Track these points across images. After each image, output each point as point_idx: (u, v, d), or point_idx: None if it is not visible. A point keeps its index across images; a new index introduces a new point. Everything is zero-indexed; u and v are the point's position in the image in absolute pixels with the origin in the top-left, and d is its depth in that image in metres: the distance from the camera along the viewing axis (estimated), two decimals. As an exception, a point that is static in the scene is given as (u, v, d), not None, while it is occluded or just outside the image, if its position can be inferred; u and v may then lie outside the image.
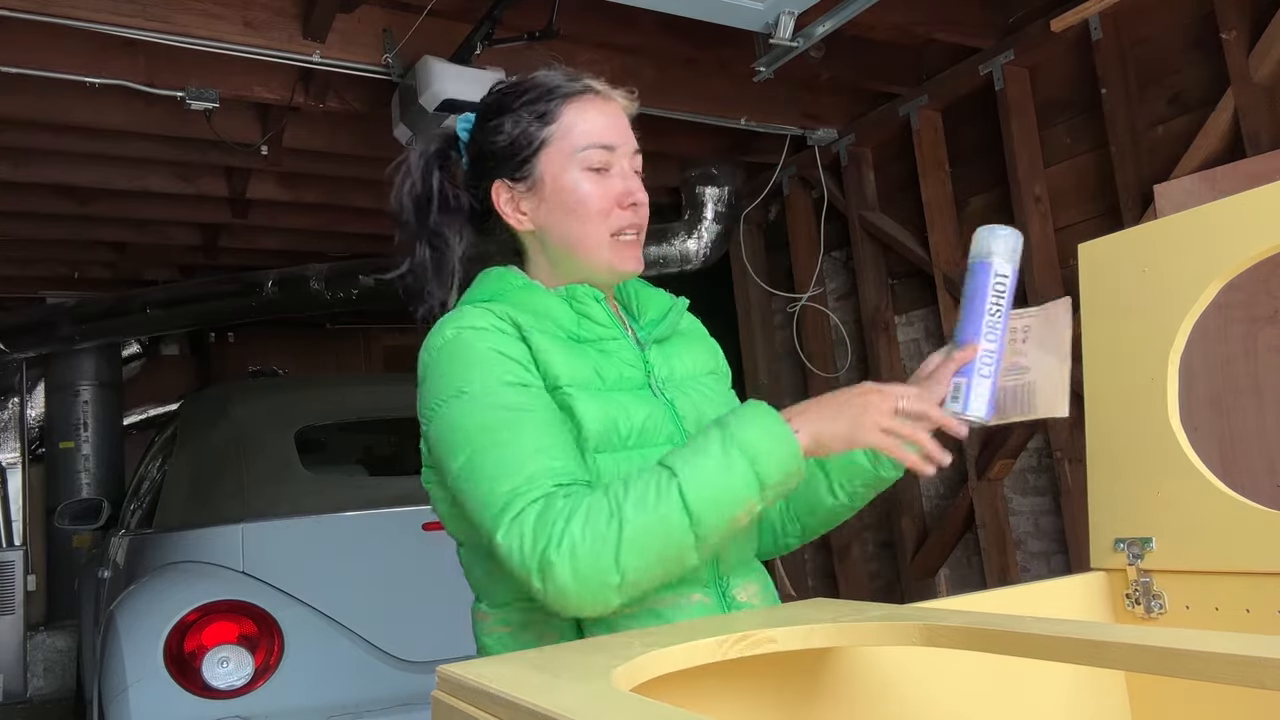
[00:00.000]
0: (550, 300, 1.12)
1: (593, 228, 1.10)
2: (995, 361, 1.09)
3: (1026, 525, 3.47)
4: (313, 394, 3.40)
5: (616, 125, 1.13)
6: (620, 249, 1.12)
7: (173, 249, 5.45)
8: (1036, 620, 0.85)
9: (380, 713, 2.42)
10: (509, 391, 1.01)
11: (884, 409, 1.00)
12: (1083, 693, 1.20)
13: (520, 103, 1.13)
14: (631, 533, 0.90)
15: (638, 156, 1.15)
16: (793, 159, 4.25)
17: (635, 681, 0.79)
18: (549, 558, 0.90)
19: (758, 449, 0.93)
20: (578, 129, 1.11)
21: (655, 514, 0.91)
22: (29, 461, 6.72)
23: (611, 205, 1.10)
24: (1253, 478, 2.48)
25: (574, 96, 1.12)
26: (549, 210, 1.12)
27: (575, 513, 0.91)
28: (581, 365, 1.08)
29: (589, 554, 0.89)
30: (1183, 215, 1.21)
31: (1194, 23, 2.87)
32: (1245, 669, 0.63)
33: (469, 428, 1.00)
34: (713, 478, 0.92)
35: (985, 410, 1.09)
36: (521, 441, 0.97)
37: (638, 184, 1.13)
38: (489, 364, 1.02)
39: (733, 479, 0.92)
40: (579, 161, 1.10)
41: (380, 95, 3.32)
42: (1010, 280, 1.09)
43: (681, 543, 0.92)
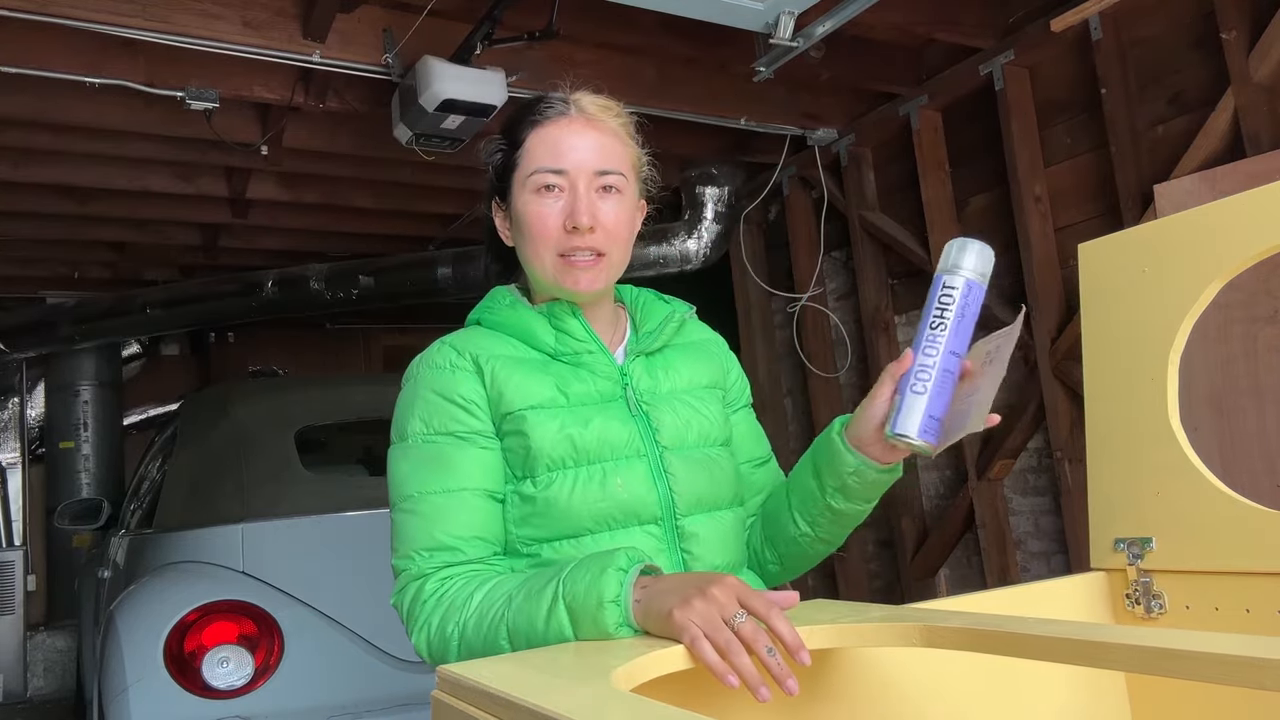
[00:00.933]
0: (531, 318, 1.17)
1: (540, 249, 1.13)
2: (933, 380, 0.99)
3: (1026, 525, 3.47)
4: (313, 394, 3.40)
5: (576, 147, 1.12)
6: (567, 271, 1.12)
7: (173, 249, 5.45)
8: (1036, 621, 0.85)
9: (380, 713, 2.42)
10: (441, 443, 1.11)
11: (708, 613, 0.86)
12: (1082, 693, 1.20)
13: (507, 126, 1.20)
14: (466, 646, 1.02)
15: (606, 176, 1.13)
16: (793, 159, 4.25)
17: (635, 681, 0.79)
18: (412, 635, 1.08)
19: (580, 608, 0.93)
20: (534, 153, 1.14)
21: (485, 642, 1.00)
22: (29, 461, 6.72)
23: (556, 228, 1.12)
24: (1253, 478, 2.48)
25: (542, 122, 1.15)
26: (516, 232, 1.17)
27: (434, 612, 1.04)
28: (543, 385, 1.13)
29: (436, 647, 1.05)
30: (1183, 215, 1.21)
31: (1194, 23, 2.87)
32: (1245, 669, 0.63)
33: (395, 479, 1.13)
34: (534, 626, 0.96)
35: (916, 431, 0.99)
36: (428, 514, 1.08)
37: (591, 205, 1.11)
38: (430, 410, 1.12)
39: (550, 634, 0.95)
40: (530, 184, 1.13)
41: (380, 95, 3.32)
42: (960, 295, 1.00)
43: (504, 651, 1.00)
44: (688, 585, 0.89)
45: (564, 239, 1.11)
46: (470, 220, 5.10)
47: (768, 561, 1.24)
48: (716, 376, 1.25)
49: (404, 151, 3.36)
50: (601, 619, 0.91)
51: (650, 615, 0.90)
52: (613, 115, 1.17)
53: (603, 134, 1.15)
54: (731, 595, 0.87)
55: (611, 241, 1.13)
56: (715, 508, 1.16)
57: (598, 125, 1.15)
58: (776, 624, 0.85)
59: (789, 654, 0.85)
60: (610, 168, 1.13)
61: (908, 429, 1.00)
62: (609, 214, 1.13)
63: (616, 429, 1.12)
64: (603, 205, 1.12)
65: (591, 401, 1.13)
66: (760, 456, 1.28)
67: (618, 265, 1.16)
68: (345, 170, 4.33)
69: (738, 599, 0.87)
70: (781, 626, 0.85)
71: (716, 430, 1.19)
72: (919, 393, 1.00)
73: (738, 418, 1.28)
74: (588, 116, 1.15)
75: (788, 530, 1.19)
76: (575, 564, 0.97)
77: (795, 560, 1.23)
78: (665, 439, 1.14)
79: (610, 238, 1.13)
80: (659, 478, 1.12)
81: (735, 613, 0.86)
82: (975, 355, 1.03)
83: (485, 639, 0.99)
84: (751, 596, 0.88)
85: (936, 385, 1.00)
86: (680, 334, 1.25)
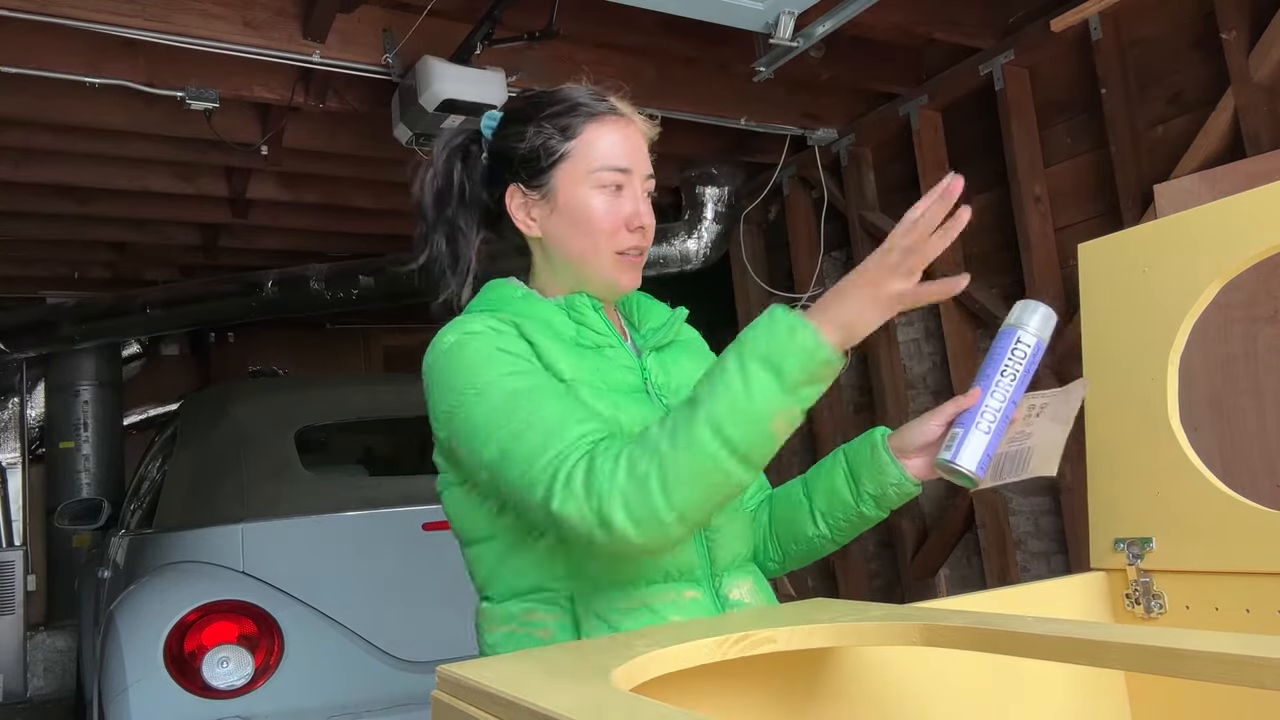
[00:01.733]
0: (549, 309, 1.16)
1: (600, 243, 1.14)
2: (997, 422, 1.08)
3: (1026, 525, 3.47)
4: (313, 394, 3.40)
5: (634, 149, 1.16)
6: (622, 267, 1.16)
7: (173, 249, 5.45)
8: (1036, 620, 0.85)
9: (380, 713, 2.42)
10: (519, 377, 1.04)
11: (887, 266, 0.95)
12: (1083, 693, 1.20)
13: (546, 113, 1.16)
14: (672, 469, 0.92)
15: (650, 180, 1.18)
16: (793, 159, 4.25)
17: (635, 681, 0.79)
18: (605, 513, 0.93)
19: (771, 351, 0.92)
20: (596, 148, 1.14)
21: (689, 446, 0.92)
22: (29, 461, 6.72)
23: (619, 225, 1.14)
24: (1253, 478, 2.47)
25: (597, 116, 1.15)
26: (558, 221, 1.16)
27: (618, 465, 0.94)
28: (583, 365, 1.11)
29: (639, 500, 0.92)
30: (1183, 215, 1.21)
31: (1194, 23, 2.87)
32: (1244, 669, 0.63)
33: (492, 419, 1.02)
34: (734, 394, 0.91)
35: (975, 465, 1.07)
36: (546, 416, 1.00)
37: (647, 208, 1.17)
38: (494, 361, 1.05)
39: (753, 390, 0.91)
40: (593, 180, 1.14)
41: (380, 95, 3.32)
42: (1031, 352, 1.10)
43: (723, 467, 0.92)
44: (856, 283, 0.95)
45: (625, 237, 1.15)
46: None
47: (769, 559, 1.26)
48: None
49: (404, 151, 3.35)
50: (797, 340, 0.91)
51: (844, 320, 0.94)
52: (653, 126, 1.22)
53: (645, 140, 1.19)
54: (885, 253, 0.96)
55: (649, 241, 1.19)
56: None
57: (642, 131, 1.20)
58: (929, 243, 0.96)
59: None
60: (652, 172, 1.19)
61: (968, 462, 1.07)
62: (651, 216, 1.18)
63: (649, 417, 1.10)
64: (646, 208, 1.17)
65: (622, 390, 1.14)
66: None
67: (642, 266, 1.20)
68: (345, 170, 4.33)
69: (890, 250, 0.95)
70: (932, 243, 0.97)
71: None
72: (985, 432, 1.08)
73: None
74: (638, 125, 1.19)
75: (804, 531, 1.22)
76: (732, 345, 0.95)
77: (799, 559, 1.25)
78: None
79: (650, 238, 1.18)
80: None
81: (916, 216, 0.96)
82: (1021, 405, 1.12)
83: (687, 445, 0.92)
84: (891, 246, 0.96)
85: (998, 427, 1.09)
86: (680, 332, 1.27)
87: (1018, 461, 1.11)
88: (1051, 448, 1.11)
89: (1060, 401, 1.13)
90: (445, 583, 2.77)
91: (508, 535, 1.10)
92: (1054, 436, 1.11)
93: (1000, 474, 1.11)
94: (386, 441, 4.14)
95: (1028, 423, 1.13)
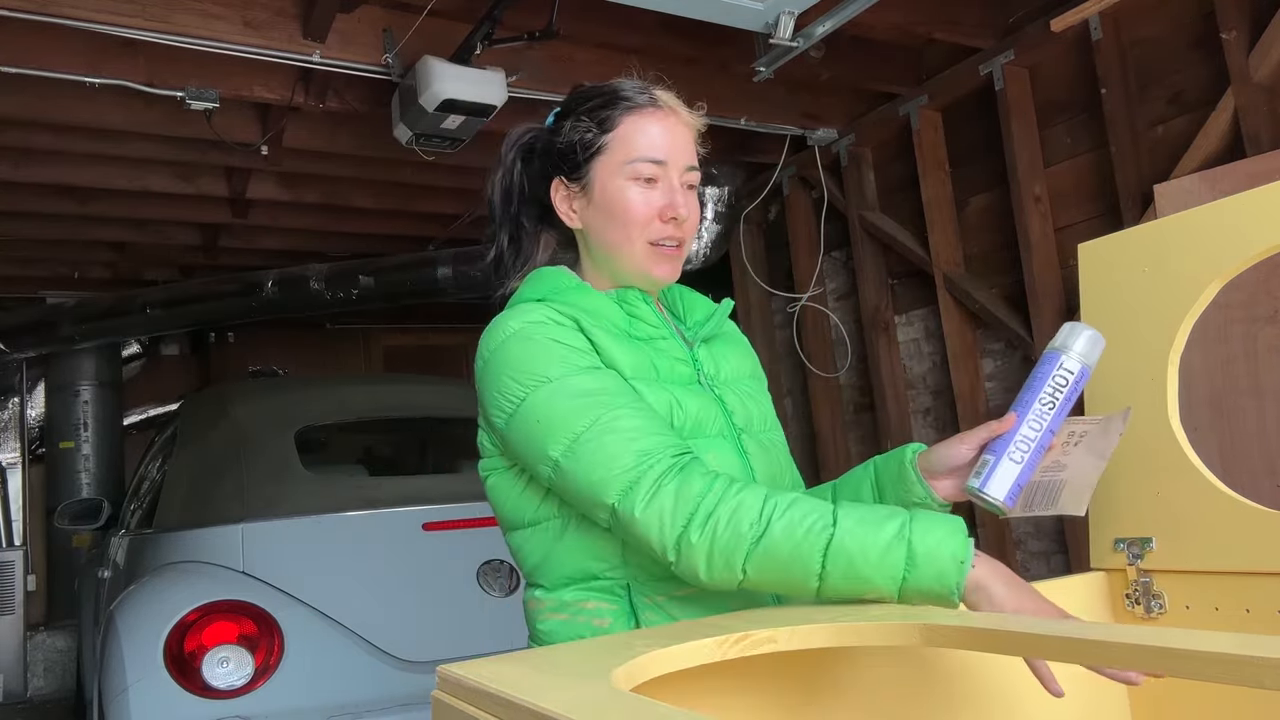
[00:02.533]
0: (601, 301, 1.17)
1: (633, 234, 1.15)
2: (1031, 451, 1.05)
3: (1026, 525, 3.47)
4: (313, 394, 3.40)
5: (673, 141, 1.16)
6: (656, 257, 1.16)
7: (173, 249, 5.45)
8: (1036, 620, 0.85)
9: (380, 713, 2.42)
10: (591, 376, 1.06)
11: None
12: (1083, 692, 1.20)
13: (586, 107, 1.18)
14: (768, 549, 0.94)
15: (692, 173, 1.18)
16: (793, 159, 4.25)
17: (635, 681, 0.79)
18: (689, 538, 0.95)
19: (925, 554, 0.92)
20: (632, 141, 1.15)
21: (795, 548, 0.94)
22: (29, 461, 6.72)
23: (653, 216, 1.14)
24: (1253, 478, 2.47)
25: (636, 109, 1.16)
26: (595, 213, 1.17)
27: (724, 501, 0.96)
28: (639, 358, 1.13)
29: (724, 548, 0.95)
30: (1183, 215, 1.21)
31: (1194, 23, 2.87)
32: (1244, 669, 0.63)
33: (564, 413, 1.03)
34: (865, 554, 0.93)
35: (1004, 495, 1.04)
36: (624, 419, 1.02)
37: (685, 199, 1.16)
38: (561, 353, 1.07)
39: (881, 566, 0.93)
40: (628, 172, 1.14)
41: (380, 95, 3.32)
42: (1074, 379, 1.06)
43: (804, 583, 0.95)
44: (1033, 592, 0.95)
45: (658, 228, 1.15)
46: (470, 220, 5.10)
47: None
48: (753, 366, 1.30)
49: (404, 151, 3.36)
50: (947, 574, 0.91)
51: (990, 586, 0.93)
52: (696, 116, 1.21)
53: (688, 130, 1.19)
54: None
55: (689, 236, 1.18)
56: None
57: (686, 121, 1.19)
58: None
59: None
60: (694, 164, 1.19)
61: (997, 491, 1.04)
62: (690, 208, 1.17)
63: (706, 408, 1.14)
64: (686, 199, 1.17)
65: (678, 381, 1.15)
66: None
67: (684, 257, 1.20)
68: (345, 170, 4.33)
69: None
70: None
71: (771, 416, 1.25)
72: (1016, 461, 1.04)
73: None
74: (679, 114, 1.18)
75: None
76: (916, 512, 0.96)
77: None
78: (739, 421, 1.17)
79: (689, 232, 1.18)
80: (741, 458, 1.14)
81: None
82: (1060, 431, 1.08)
83: (798, 548, 0.93)
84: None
85: (1032, 457, 1.05)
86: (723, 325, 1.29)
87: (1049, 494, 1.08)
88: (1084, 483, 1.07)
89: (1100, 433, 1.09)
90: (445, 583, 2.78)
91: (557, 522, 1.10)
92: (1088, 472, 1.07)
93: (1030, 505, 1.08)
94: (386, 441, 4.13)
95: (1064, 452, 1.09)
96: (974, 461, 1.08)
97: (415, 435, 3.96)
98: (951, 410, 3.65)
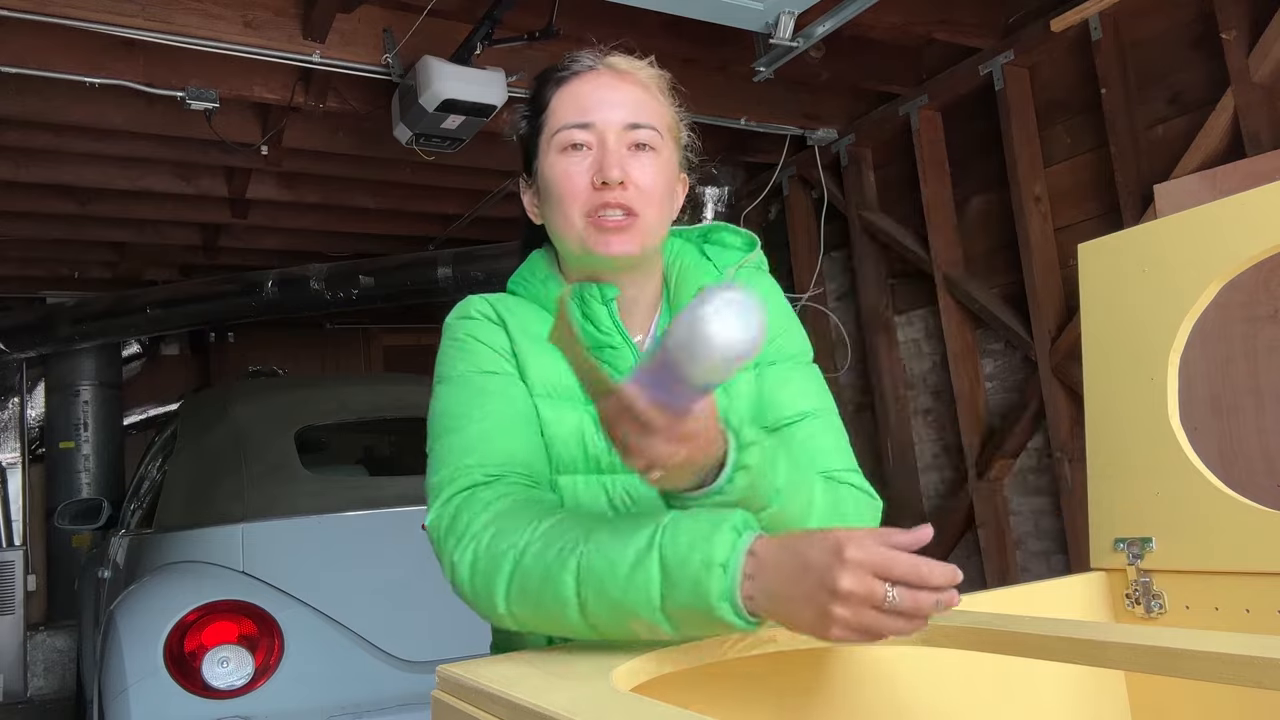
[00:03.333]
0: (549, 298, 1.07)
1: (569, 210, 1.00)
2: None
3: (1026, 525, 3.47)
4: (313, 394, 3.39)
5: (603, 98, 1.01)
6: (596, 234, 0.99)
7: (173, 249, 5.45)
8: (1036, 620, 0.85)
9: (380, 713, 2.42)
10: (478, 378, 1.00)
11: (859, 608, 0.73)
12: (1083, 693, 1.20)
13: (530, 94, 1.09)
14: (520, 576, 0.83)
15: (640, 130, 1.01)
16: (793, 159, 4.25)
17: (635, 681, 0.79)
18: (453, 557, 0.88)
19: (677, 564, 0.77)
20: (557, 112, 1.03)
21: (545, 575, 0.82)
22: (29, 461, 6.71)
23: (584, 186, 0.99)
24: (1253, 478, 2.47)
25: (568, 79, 1.04)
26: (543, 201, 1.05)
27: (493, 520, 0.87)
28: (565, 369, 0.96)
29: (482, 571, 0.86)
30: (1183, 215, 1.21)
31: (1194, 23, 2.87)
32: (1244, 669, 0.63)
33: (437, 414, 1.00)
34: (614, 572, 0.79)
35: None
36: (470, 429, 0.96)
37: (626, 159, 0.99)
38: (468, 350, 1.02)
39: (631, 586, 0.78)
40: (555, 144, 1.01)
41: (380, 95, 3.32)
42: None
43: (563, 616, 0.82)
44: (813, 586, 0.73)
45: (592, 196, 0.99)
46: (470, 220, 5.10)
47: None
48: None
49: (404, 151, 3.36)
50: (705, 585, 0.75)
51: (772, 611, 0.76)
52: (643, 69, 1.06)
53: (633, 86, 1.03)
54: (867, 577, 0.72)
55: (646, 202, 1.00)
56: None
57: (628, 78, 1.04)
58: (935, 581, 0.72)
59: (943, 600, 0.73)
60: (642, 121, 1.01)
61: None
62: (642, 171, 1.00)
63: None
64: (635, 162, 1.00)
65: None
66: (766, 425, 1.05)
67: (653, 230, 1.02)
68: (345, 170, 4.33)
69: (876, 573, 0.72)
70: (939, 578, 0.72)
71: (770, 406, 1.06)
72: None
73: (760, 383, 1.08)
74: (617, 70, 1.04)
75: None
76: (679, 513, 0.80)
77: None
78: None
79: (645, 197, 1.00)
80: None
81: (884, 595, 0.72)
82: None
83: (547, 570, 0.81)
84: (893, 563, 0.72)
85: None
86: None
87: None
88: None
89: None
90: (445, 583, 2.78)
91: None
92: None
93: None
94: (386, 441, 4.13)
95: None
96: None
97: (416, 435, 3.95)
98: (951, 410, 3.65)
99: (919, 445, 3.90)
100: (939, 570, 0.73)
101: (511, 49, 3.01)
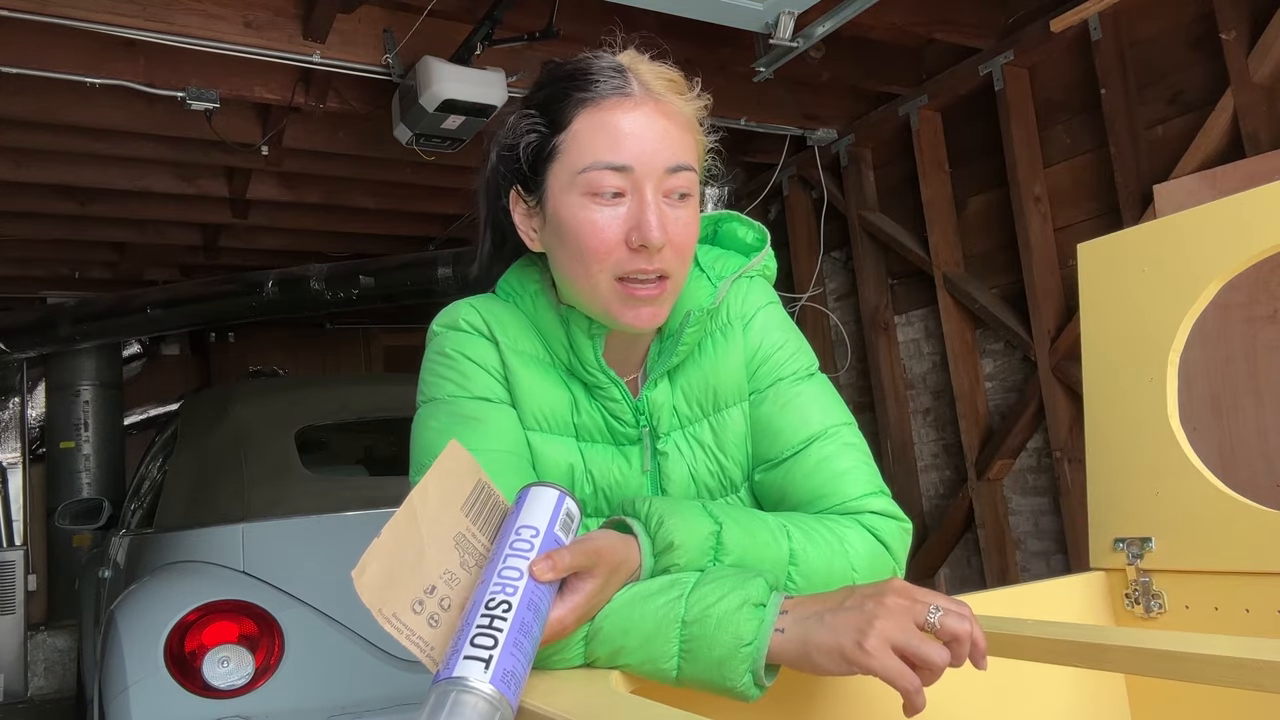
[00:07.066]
0: (549, 323, 0.96)
1: (594, 269, 0.87)
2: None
3: (1026, 525, 3.47)
4: (313, 394, 3.39)
5: (646, 137, 0.87)
6: (624, 299, 0.88)
7: (173, 249, 5.45)
8: (1036, 623, 0.85)
9: (380, 713, 2.42)
10: (470, 404, 0.92)
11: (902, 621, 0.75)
12: (1082, 693, 1.20)
13: (540, 96, 0.93)
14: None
15: (679, 175, 0.89)
16: (793, 159, 4.25)
17: (635, 681, 0.79)
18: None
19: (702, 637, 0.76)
20: (586, 142, 0.87)
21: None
22: (29, 461, 6.72)
23: (615, 244, 0.86)
24: (1253, 478, 2.48)
25: (596, 101, 0.88)
26: (551, 237, 0.91)
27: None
28: (558, 403, 0.94)
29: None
30: (1183, 215, 1.21)
31: (1194, 23, 2.87)
32: (1243, 671, 0.63)
33: (424, 444, 0.92)
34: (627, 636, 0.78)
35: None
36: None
37: (666, 215, 0.87)
38: (457, 370, 0.94)
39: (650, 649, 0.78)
40: (581, 185, 0.87)
41: (380, 95, 3.32)
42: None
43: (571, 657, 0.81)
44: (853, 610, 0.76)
45: (627, 259, 0.86)
46: (470, 220, 5.09)
47: None
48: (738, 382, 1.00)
49: (404, 151, 3.36)
50: (728, 666, 0.76)
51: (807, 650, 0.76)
52: (680, 94, 0.94)
53: (671, 121, 0.90)
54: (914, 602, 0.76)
55: (681, 262, 0.90)
56: None
57: (666, 109, 0.90)
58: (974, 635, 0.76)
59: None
60: (683, 162, 0.89)
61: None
62: (682, 228, 0.89)
63: (622, 480, 0.95)
64: (673, 215, 0.88)
65: (604, 440, 0.96)
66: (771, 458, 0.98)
67: (678, 291, 0.92)
68: (345, 170, 4.33)
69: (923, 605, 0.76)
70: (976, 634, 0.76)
71: (737, 472, 0.99)
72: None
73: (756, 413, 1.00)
74: (654, 97, 0.90)
75: None
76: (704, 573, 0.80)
77: None
78: (673, 488, 0.97)
79: (679, 258, 0.89)
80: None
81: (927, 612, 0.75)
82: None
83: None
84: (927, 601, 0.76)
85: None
86: (715, 320, 0.99)
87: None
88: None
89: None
90: (445, 583, 2.77)
91: None
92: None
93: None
94: (386, 441, 4.13)
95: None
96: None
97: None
98: (951, 410, 3.65)
99: (919, 445, 3.90)
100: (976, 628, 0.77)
101: (511, 49, 3.01)
